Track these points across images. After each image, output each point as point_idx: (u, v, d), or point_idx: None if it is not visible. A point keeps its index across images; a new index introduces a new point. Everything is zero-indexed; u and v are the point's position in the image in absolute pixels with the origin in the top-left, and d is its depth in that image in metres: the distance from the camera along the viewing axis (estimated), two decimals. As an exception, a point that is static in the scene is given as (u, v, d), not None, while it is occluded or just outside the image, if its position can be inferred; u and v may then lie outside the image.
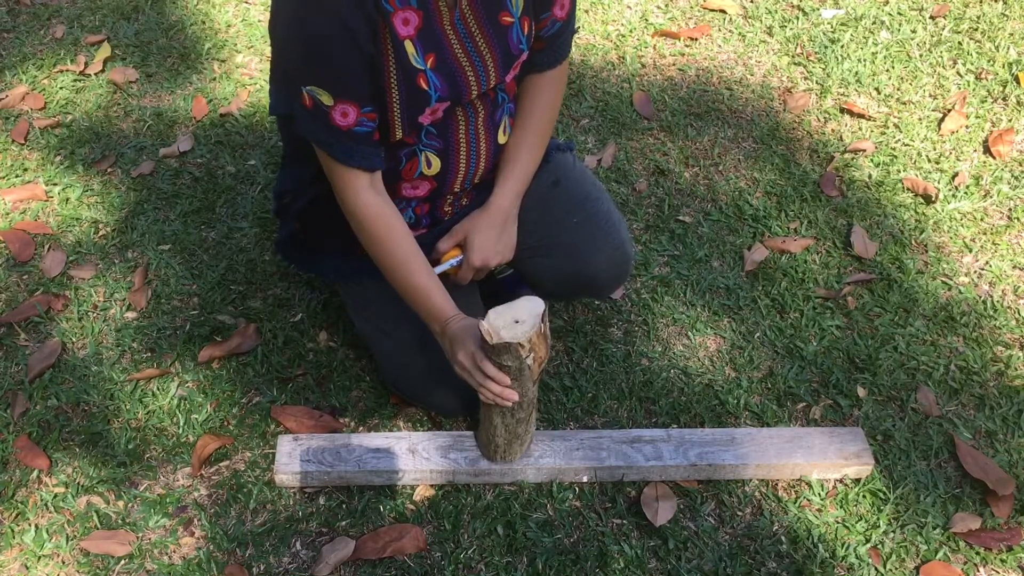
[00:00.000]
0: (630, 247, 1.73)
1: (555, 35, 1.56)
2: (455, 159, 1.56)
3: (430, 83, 1.42)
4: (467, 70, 1.45)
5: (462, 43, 1.43)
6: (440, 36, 1.41)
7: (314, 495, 1.68)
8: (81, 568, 1.59)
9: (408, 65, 1.40)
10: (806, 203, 2.23)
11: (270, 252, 2.12)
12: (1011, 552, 1.61)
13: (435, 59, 1.41)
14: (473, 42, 1.44)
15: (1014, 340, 1.95)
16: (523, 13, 1.47)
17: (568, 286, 1.73)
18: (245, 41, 2.73)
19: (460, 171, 1.58)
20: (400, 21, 1.37)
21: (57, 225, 2.18)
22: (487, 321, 1.41)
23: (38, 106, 2.49)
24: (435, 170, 1.56)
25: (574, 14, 1.59)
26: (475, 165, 1.59)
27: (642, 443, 1.69)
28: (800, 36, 2.70)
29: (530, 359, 1.44)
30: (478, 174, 1.61)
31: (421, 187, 1.58)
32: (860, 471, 1.69)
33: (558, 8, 1.52)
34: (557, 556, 1.60)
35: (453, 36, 1.42)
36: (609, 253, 1.69)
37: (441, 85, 1.43)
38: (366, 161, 1.44)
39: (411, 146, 1.52)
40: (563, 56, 1.60)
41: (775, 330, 1.96)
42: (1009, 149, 2.35)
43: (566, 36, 1.59)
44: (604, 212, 1.70)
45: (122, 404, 1.82)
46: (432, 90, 1.42)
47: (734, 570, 1.59)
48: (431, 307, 1.51)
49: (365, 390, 1.85)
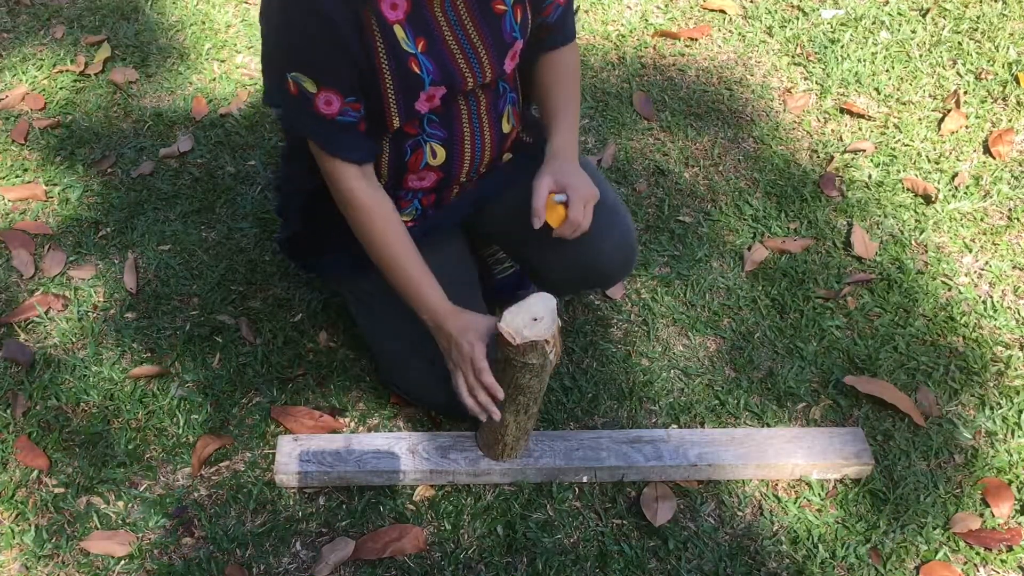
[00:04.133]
0: (635, 236, 1.74)
1: (561, 17, 1.59)
2: (460, 149, 1.56)
3: (422, 67, 1.42)
4: (458, 58, 1.45)
5: (453, 31, 1.44)
6: (430, 22, 1.42)
7: (314, 495, 1.68)
8: (81, 568, 1.59)
9: (399, 49, 1.40)
10: (806, 203, 2.23)
11: (270, 252, 2.12)
12: (1011, 552, 1.61)
13: (426, 43, 1.42)
14: (464, 30, 1.45)
15: (1014, 340, 1.95)
16: (516, 1, 1.48)
17: (576, 275, 1.72)
18: (245, 41, 2.73)
19: (466, 161, 1.58)
20: (388, 6, 1.38)
21: (57, 225, 2.18)
22: (504, 323, 1.41)
23: (38, 106, 2.49)
24: (440, 160, 1.56)
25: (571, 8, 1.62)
26: (480, 154, 1.59)
27: (642, 443, 1.69)
28: (800, 36, 2.70)
29: (552, 354, 1.44)
30: (484, 163, 1.62)
31: (427, 178, 1.59)
32: (860, 471, 1.69)
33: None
34: (557, 556, 1.60)
35: (444, 22, 1.43)
36: (617, 241, 1.69)
37: (433, 69, 1.43)
38: (352, 152, 1.45)
39: (415, 136, 1.53)
40: (572, 34, 1.65)
41: (775, 330, 1.96)
42: (1009, 149, 2.35)
43: (571, 15, 1.62)
44: (610, 201, 1.71)
45: (122, 404, 1.82)
46: (425, 73, 1.43)
47: (734, 570, 1.59)
48: (424, 299, 1.51)
49: (365, 390, 1.85)
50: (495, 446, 1.63)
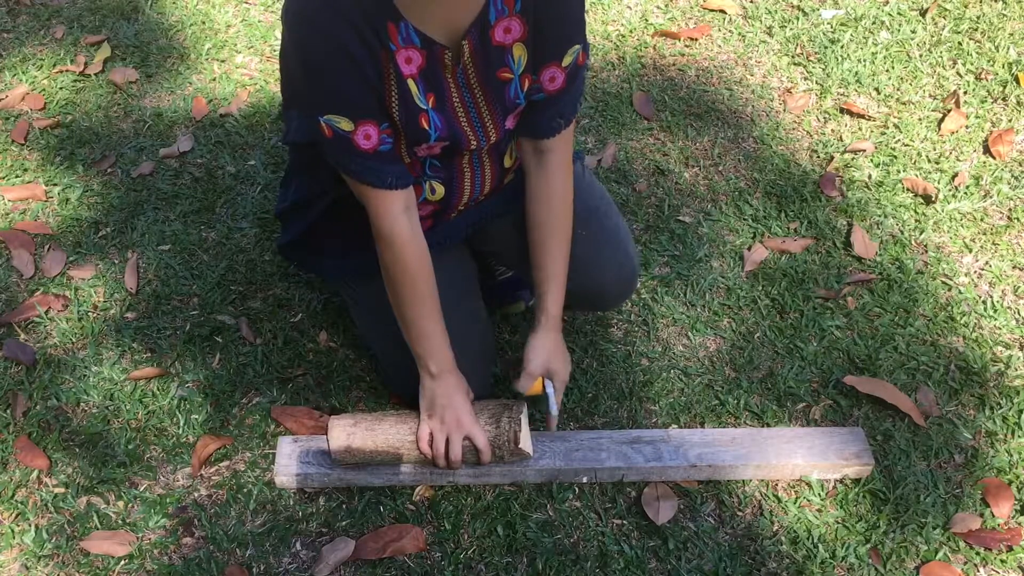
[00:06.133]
0: (636, 261, 1.73)
1: (542, 103, 1.48)
2: (459, 186, 1.56)
3: (431, 123, 1.41)
4: (463, 123, 1.44)
5: (461, 96, 1.42)
6: (441, 81, 1.40)
7: (314, 495, 1.68)
8: (81, 568, 1.59)
9: (412, 104, 1.38)
10: (806, 203, 2.23)
11: (270, 252, 2.12)
12: (1011, 552, 1.61)
13: (435, 100, 1.40)
14: (472, 96, 1.42)
15: (1014, 340, 1.95)
16: (524, 71, 1.43)
17: (573, 299, 1.72)
18: (245, 41, 2.73)
19: (464, 195, 1.58)
20: (403, 59, 1.34)
21: (57, 225, 2.18)
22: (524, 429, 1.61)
23: (38, 106, 2.49)
24: (439, 196, 1.56)
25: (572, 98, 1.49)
26: (480, 189, 1.59)
27: (642, 443, 1.69)
28: (800, 36, 2.70)
29: None
30: (483, 194, 1.61)
31: (424, 209, 1.58)
32: (860, 471, 1.69)
33: (547, 81, 1.44)
34: (557, 556, 1.60)
35: (453, 87, 1.41)
36: (616, 269, 1.68)
37: (441, 125, 1.42)
38: (399, 179, 1.42)
39: (415, 177, 1.52)
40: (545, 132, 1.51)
41: (775, 330, 1.96)
42: (1009, 149, 2.35)
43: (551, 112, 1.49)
44: (612, 227, 1.69)
45: (122, 404, 1.82)
46: (432, 130, 1.41)
47: (734, 570, 1.59)
48: (434, 351, 1.54)
49: (365, 390, 1.85)
50: None
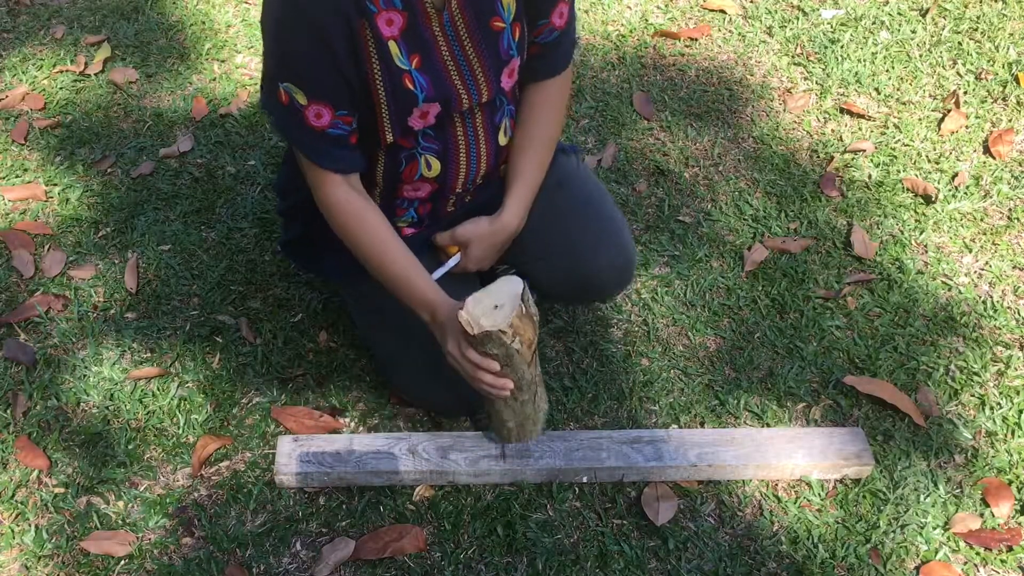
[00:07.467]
0: (633, 250, 1.73)
1: (553, 43, 1.56)
2: (455, 161, 1.56)
3: (416, 83, 1.42)
4: (454, 76, 1.44)
5: (450, 48, 1.43)
6: (427, 39, 1.40)
7: (314, 495, 1.68)
8: (81, 568, 1.59)
9: (393, 66, 1.39)
10: (806, 203, 2.23)
11: (270, 252, 2.12)
12: (1011, 552, 1.61)
13: (420, 60, 1.41)
14: (461, 47, 1.44)
15: (1014, 340, 1.95)
16: (515, 19, 1.46)
17: (570, 288, 1.72)
18: (245, 41, 2.73)
19: (461, 173, 1.58)
20: (384, 22, 1.36)
21: (57, 225, 2.18)
22: (466, 311, 1.36)
23: (38, 106, 2.50)
24: (435, 172, 1.56)
25: (574, 25, 1.58)
26: (476, 166, 1.59)
27: (642, 443, 1.69)
28: (800, 36, 2.70)
29: (516, 343, 1.38)
30: (480, 175, 1.61)
31: (422, 188, 1.58)
32: (860, 471, 1.69)
33: (556, 16, 1.52)
34: (557, 556, 1.60)
35: (442, 40, 1.42)
36: (611, 256, 1.69)
37: (427, 85, 1.43)
38: (338, 163, 1.45)
39: (410, 149, 1.52)
40: (562, 66, 1.60)
41: (775, 330, 1.96)
42: (1009, 149, 2.35)
43: (566, 46, 1.58)
44: (607, 215, 1.70)
45: (122, 404, 1.82)
46: (418, 90, 1.42)
47: (734, 570, 1.59)
48: (415, 294, 1.49)
49: (365, 390, 1.85)
50: (500, 430, 1.63)
